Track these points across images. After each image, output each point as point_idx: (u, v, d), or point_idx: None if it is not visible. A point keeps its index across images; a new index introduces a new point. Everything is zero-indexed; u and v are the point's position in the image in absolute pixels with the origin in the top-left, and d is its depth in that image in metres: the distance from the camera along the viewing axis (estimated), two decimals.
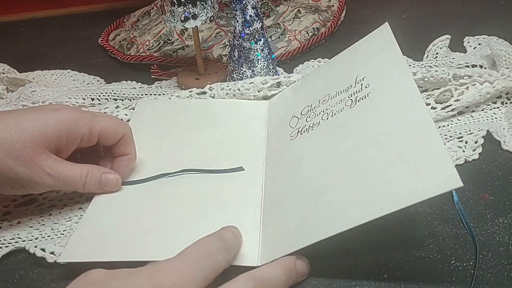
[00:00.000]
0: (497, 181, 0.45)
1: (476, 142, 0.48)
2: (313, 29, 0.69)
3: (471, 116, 0.53)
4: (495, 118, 0.52)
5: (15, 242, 0.42)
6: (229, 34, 0.69)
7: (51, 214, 0.45)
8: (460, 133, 0.49)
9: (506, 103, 0.54)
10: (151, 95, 0.59)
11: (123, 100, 0.58)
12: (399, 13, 0.75)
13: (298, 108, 0.49)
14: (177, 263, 0.31)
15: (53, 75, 0.66)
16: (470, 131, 0.49)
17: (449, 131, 0.50)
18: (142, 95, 0.59)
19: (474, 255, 0.38)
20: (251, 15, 0.53)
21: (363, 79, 0.44)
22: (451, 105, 0.52)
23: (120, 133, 0.43)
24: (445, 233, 0.40)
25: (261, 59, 0.56)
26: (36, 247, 0.40)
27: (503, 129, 0.50)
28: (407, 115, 0.37)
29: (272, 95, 0.54)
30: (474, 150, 0.48)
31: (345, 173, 0.38)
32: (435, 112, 0.52)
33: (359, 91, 0.43)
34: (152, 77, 0.64)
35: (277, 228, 0.38)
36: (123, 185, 0.44)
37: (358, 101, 0.42)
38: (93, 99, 0.57)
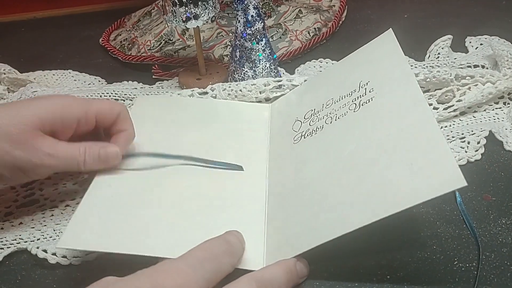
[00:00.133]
0: (499, 182, 0.45)
1: (478, 142, 0.48)
2: (315, 29, 0.69)
3: (473, 116, 0.53)
4: (498, 118, 0.52)
5: (17, 243, 0.42)
6: (231, 34, 0.69)
7: (52, 215, 0.45)
8: (462, 134, 0.49)
9: (508, 103, 0.54)
10: (152, 95, 0.59)
11: (124, 100, 0.58)
12: (400, 13, 0.75)
13: (301, 112, 0.49)
14: (180, 264, 0.30)
15: (54, 75, 0.66)
16: (472, 131, 0.49)
17: (451, 132, 0.50)
18: (143, 95, 0.59)
19: (477, 256, 0.38)
20: (252, 15, 0.53)
21: (367, 83, 0.44)
22: (453, 105, 0.52)
23: (116, 111, 0.43)
24: (448, 234, 0.40)
25: (262, 59, 0.56)
26: (38, 248, 0.40)
27: (506, 129, 0.50)
28: (411, 117, 0.37)
29: (274, 97, 0.54)
30: (476, 150, 0.48)
31: (348, 175, 0.38)
32: (437, 112, 0.52)
33: (363, 95, 0.43)
34: (153, 77, 0.64)
35: (281, 231, 0.38)
36: (124, 169, 0.43)
37: (362, 105, 0.42)
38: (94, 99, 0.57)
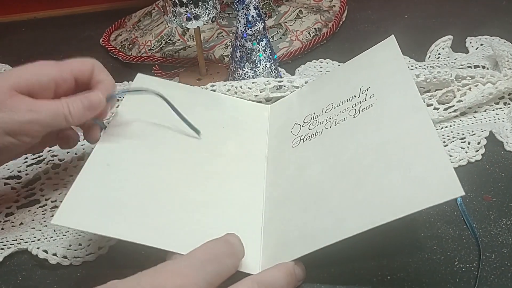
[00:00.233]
0: (500, 182, 0.45)
1: (478, 143, 0.48)
2: (315, 29, 0.69)
3: (474, 117, 0.53)
4: (498, 119, 0.52)
5: (18, 243, 0.42)
6: (231, 34, 0.69)
7: (53, 215, 0.44)
8: (462, 134, 0.49)
9: (508, 103, 0.54)
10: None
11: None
12: (401, 14, 0.75)
13: (301, 115, 0.49)
14: (181, 265, 0.30)
15: None
16: (472, 132, 0.49)
17: (451, 132, 0.50)
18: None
19: (477, 256, 0.38)
20: (253, 16, 0.53)
21: (367, 89, 0.44)
22: (453, 106, 0.52)
23: (89, 63, 0.43)
24: (448, 235, 0.40)
25: (263, 59, 0.56)
26: (38, 248, 0.40)
27: (506, 130, 0.50)
28: (410, 125, 0.37)
29: (274, 98, 0.54)
30: (477, 151, 0.48)
31: (346, 180, 0.37)
32: (438, 112, 0.52)
33: (363, 101, 0.43)
34: None
35: (278, 235, 0.38)
36: (122, 144, 0.42)
37: (361, 111, 0.42)
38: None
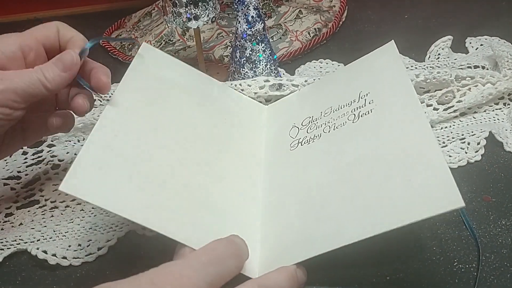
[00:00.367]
0: (499, 183, 0.45)
1: (478, 143, 0.48)
2: (315, 29, 0.69)
3: (473, 117, 0.53)
4: (498, 119, 0.52)
5: (17, 244, 0.42)
6: (231, 34, 0.69)
7: (52, 215, 0.45)
8: (462, 134, 0.49)
9: (508, 104, 0.54)
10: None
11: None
12: (401, 14, 0.75)
13: (299, 118, 0.48)
14: (182, 267, 0.30)
15: None
16: (472, 132, 0.49)
17: (451, 133, 0.50)
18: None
19: (477, 257, 0.38)
20: (253, 16, 0.53)
21: (367, 94, 0.44)
22: (453, 106, 0.52)
23: (52, 25, 0.41)
24: (448, 235, 0.40)
25: (262, 60, 0.56)
26: (38, 249, 0.40)
27: (506, 130, 0.50)
28: (410, 134, 0.37)
29: (273, 97, 0.54)
30: (476, 151, 0.48)
31: (345, 187, 0.37)
32: (437, 113, 0.52)
33: (362, 106, 0.43)
34: None
35: (276, 238, 0.38)
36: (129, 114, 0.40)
37: (361, 116, 0.42)
38: (94, 100, 0.57)
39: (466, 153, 0.48)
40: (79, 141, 0.54)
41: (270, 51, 0.56)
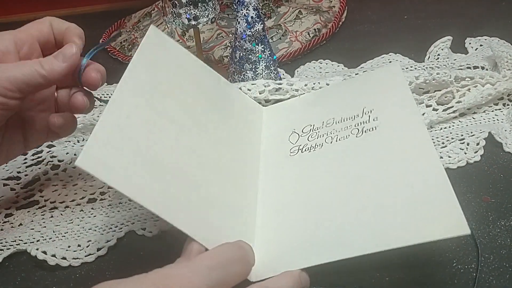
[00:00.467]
0: (499, 183, 0.45)
1: (477, 144, 0.48)
2: (314, 30, 0.69)
3: (473, 117, 0.53)
4: (497, 119, 0.52)
5: (17, 244, 0.42)
6: (230, 35, 0.69)
7: (52, 216, 0.45)
8: (461, 135, 0.49)
9: (507, 104, 0.54)
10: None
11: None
12: (400, 14, 0.75)
13: (299, 124, 0.48)
14: (186, 270, 0.29)
15: None
16: (471, 132, 0.49)
17: (450, 133, 0.50)
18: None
19: (476, 257, 0.38)
20: (252, 17, 0.53)
21: (371, 111, 0.44)
22: (452, 106, 0.52)
23: (45, 20, 0.41)
24: None
25: (262, 60, 0.56)
26: (37, 249, 0.40)
27: (505, 131, 0.50)
28: (416, 157, 0.38)
29: (273, 100, 0.54)
30: (475, 152, 0.48)
31: (349, 201, 0.37)
32: (437, 114, 0.52)
33: (366, 122, 0.44)
34: None
35: (271, 245, 0.37)
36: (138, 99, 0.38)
37: (365, 132, 0.43)
38: (94, 100, 0.57)
39: (465, 153, 0.48)
40: (78, 142, 0.54)
41: (269, 52, 0.56)
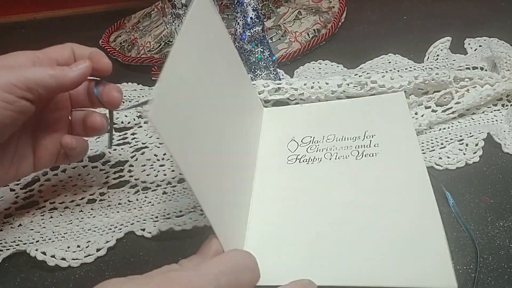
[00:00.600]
0: (497, 184, 0.45)
1: (476, 144, 0.48)
2: (314, 30, 0.69)
3: (472, 118, 0.53)
4: (496, 120, 0.52)
5: (16, 245, 0.42)
6: (230, 35, 0.69)
7: (52, 217, 0.45)
8: (460, 136, 0.49)
9: (506, 105, 0.54)
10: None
11: (123, 102, 0.58)
12: (399, 15, 0.75)
13: (299, 133, 0.49)
14: (193, 274, 0.29)
15: None
16: (470, 133, 0.49)
17: (449, 134, 0.50)
18: (142, 96, 0.59)
19: (474, 258, 0.38)
20: (251, 18, 0.53)
21: (372, 136, 0.46)
22: (451, 107, 0.52)
23: (67, 46, 0.42)
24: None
25: (261, 61, 0.56)
26: (37, 250, 0.40)
27: (504, 131, 0.50)
28: (413, 197, 0.39)
29: (272, 100, 0.54)
30: (474, 152, 0.48)
31: (340, 228, 0.38)
32: (436, 114, 0.52)
33: (367, 146, 0.45)
34: (152, 79, 0.64)
35: (259, 253, 0.36)
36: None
37: (365, 156, 0.44)
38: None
39: (464, 154, 0.48)
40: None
41: (269, 52, 0.57)
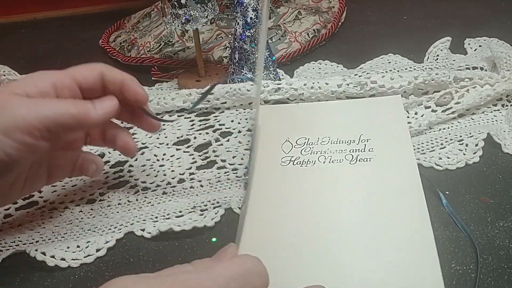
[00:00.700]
0: (497, 184, 0.45)
1: (476, 145, 0.48)
2: (314, 30, 0.69)
3: (472, 118, 0.53)
4: (496, 120, 0.52)
5: (16, 245, 0.42)
6: (230, 35, 0.69)
7: (51, 217, 0.45)
8: (460, 136, 0.49)
9: (506, 105, 0.54)
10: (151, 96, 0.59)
11: None
12: (399, 15, 0.75)
13: (293, 134, 0.48)
14: (203, 277, 0.28)
15: None
16: (470, 133, 0.49)
17: (449, 134, 0.50)
18: None
19: (474, 258, 0.38)
20: (251, 17, 0.53)
21: (367, 140, 0.46)
22: (451, 107, 0.52)
23: (95, 68, 0.39)
24: (445, 237, 0.40)
25: None
26: (36, 250, 0.40)
27: (504, 131, 0.50)
28: (406, 207, 0.39)
29: (272, 100, 0.54)
30: (474, 153, 0.48)
31: (332, 233, 0.38)
32: (436, 114, 0.52)
33: (361, 151, 0.45)
34: (152, 79, 0.64)
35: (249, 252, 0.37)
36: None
37: (359, 160, 0.44)
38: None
39: (464, 154, 0.48)
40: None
41: (269, 53, 0.57)
